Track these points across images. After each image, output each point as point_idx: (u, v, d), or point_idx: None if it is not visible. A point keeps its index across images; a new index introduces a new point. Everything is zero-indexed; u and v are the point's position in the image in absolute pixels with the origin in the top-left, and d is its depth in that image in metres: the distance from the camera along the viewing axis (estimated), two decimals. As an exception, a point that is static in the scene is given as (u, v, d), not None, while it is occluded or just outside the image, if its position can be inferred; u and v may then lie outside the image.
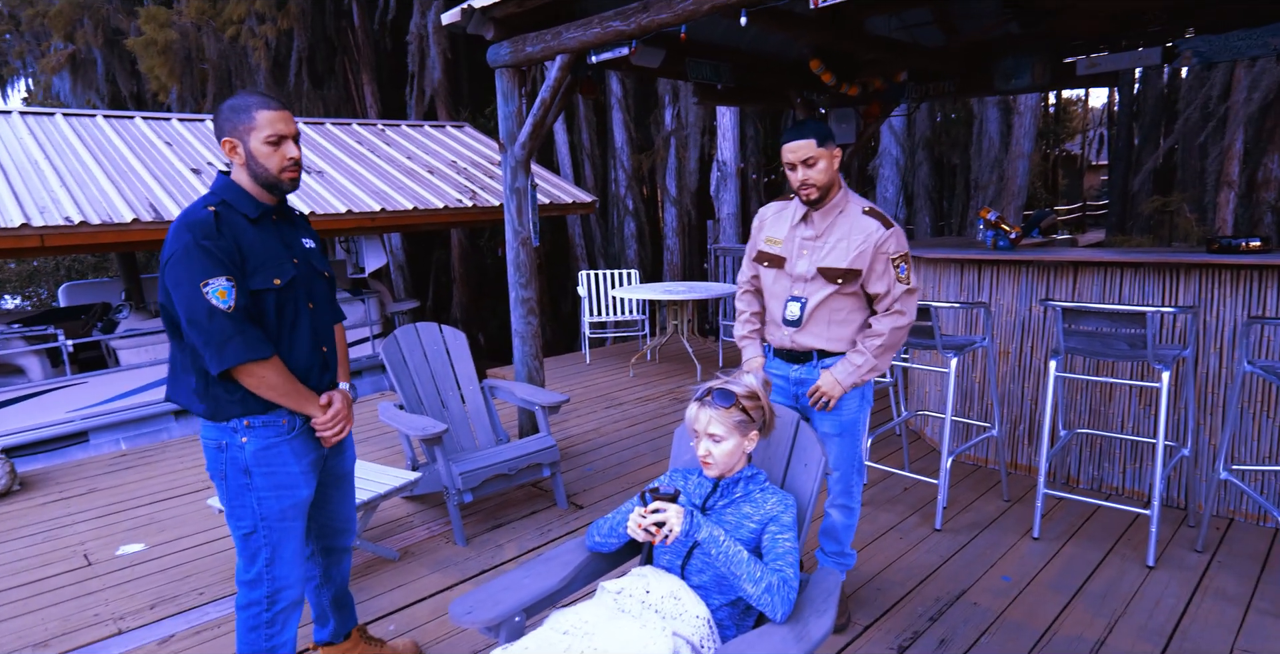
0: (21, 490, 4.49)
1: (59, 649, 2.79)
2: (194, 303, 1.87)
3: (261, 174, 2.00)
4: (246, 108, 1.97)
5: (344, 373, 2.31)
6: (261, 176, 2.00)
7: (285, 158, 2.00)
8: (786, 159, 2.47)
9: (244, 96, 1.99)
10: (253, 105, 1.97)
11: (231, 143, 1.99)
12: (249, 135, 1.97)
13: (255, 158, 1.98)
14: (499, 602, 1.85)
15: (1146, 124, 13.39)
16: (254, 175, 2.00)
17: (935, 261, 4.54)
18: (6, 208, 5.67)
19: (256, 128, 1.96)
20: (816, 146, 2.43)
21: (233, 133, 1.98)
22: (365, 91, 15.34)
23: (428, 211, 7.78)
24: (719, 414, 1.88)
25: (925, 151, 13.90)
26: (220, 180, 2.04)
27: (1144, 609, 2.80)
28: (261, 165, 1.99)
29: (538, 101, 4.34)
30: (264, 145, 1.97)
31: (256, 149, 1.97)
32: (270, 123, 1.96)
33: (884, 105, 6.76)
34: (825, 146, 2.44)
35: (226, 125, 1.99)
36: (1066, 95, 26.41)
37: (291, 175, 2.02)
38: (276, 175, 2.00)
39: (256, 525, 2.05)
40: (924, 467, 4.32)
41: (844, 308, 2.56)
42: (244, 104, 1.98)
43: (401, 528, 3.76)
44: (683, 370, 7.00)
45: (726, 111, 11.75)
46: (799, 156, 2.44)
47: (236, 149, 1.99)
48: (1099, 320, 3.20)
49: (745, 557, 1.75)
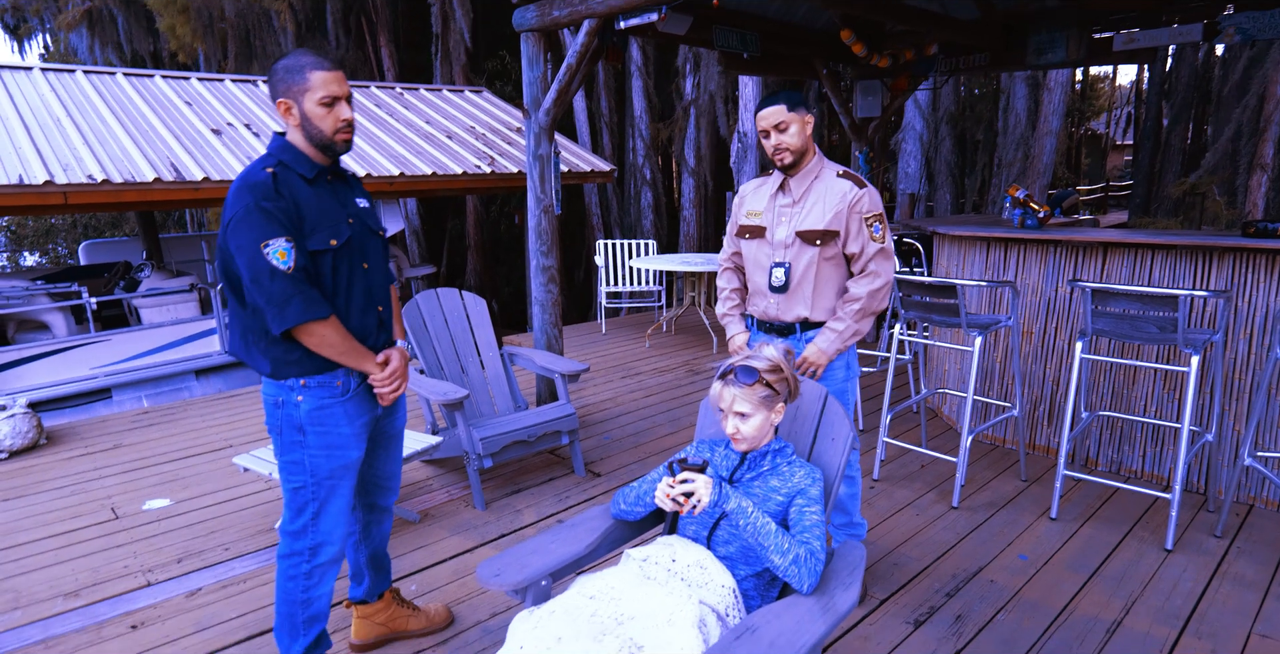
0: (48, 444, 4.57)
1: (90, 599, 2.85)
2: (256, 263, 1.89)
3: (315, 135, 2.00)
4: (300, 68, 1.96)
5: (398, 330, 2.33)
6: (316, 137, 2.01)
7: (339, 119, 2.00)
8: (760, 127, 2.57)
9: (297, 57, 1.98)
10: (306, 66, 1.96)
11: (286, 104, 1.99)
12: (303, 96, 1.97)
13: (309, 119, 1.98)
14: (526, 565, 1.87)
15: (1178, 103, 13.12)
16: (308, 136, 2.01)
17: (960, 239, 4.49)
18: (30, 164, 5.68)
19: (310, 89, 1.96)
20: (787, 112, 2.51)
21: (287, 94, 1.98)
22: (383, 54, 15.20)
23: (446, 177, 7.74)
24: (743, 392, 1.87)
25: (949, 127, 13.70)
26: (277, 141, 2.04)
27: (1161, 592, 2.81)
28: (315, 127, 1.99)
29: (563, 67, 4.28)
30: (318, 107, 1.97)
31: (310, 110, 1.97)
32: (324, 84, 1.96)
33: (912, 78, 6.64)
34: (796, 112, 2.52)
35: (281, 86, 1.98)
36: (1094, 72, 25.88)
37: (345, 136, 2.03)
38: (330, 136, 2.01)
39: (306, 481, 2.09)
40: (941, 444, 4.32)
41: (826, 274, 2.61)
42: (297, 65, 1.96)
43: (421, 491, 3.81)
44: (698, 342, 7.00)
45: (749, 82, 11.58)
46: (771, 122, 2.53)
47: (291, 110, 1.99)
48: (1129, 302, 3.17)
49: (773, 528, 1.76)
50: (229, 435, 4.71)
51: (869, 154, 6.99)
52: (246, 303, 2.01)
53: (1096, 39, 5.86)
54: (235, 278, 1.99)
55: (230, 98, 8.36)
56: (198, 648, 2.54)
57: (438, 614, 2.64)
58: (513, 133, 9.60)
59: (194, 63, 14.92)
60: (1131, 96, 25.92)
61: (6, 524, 3.50)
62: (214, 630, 2.64)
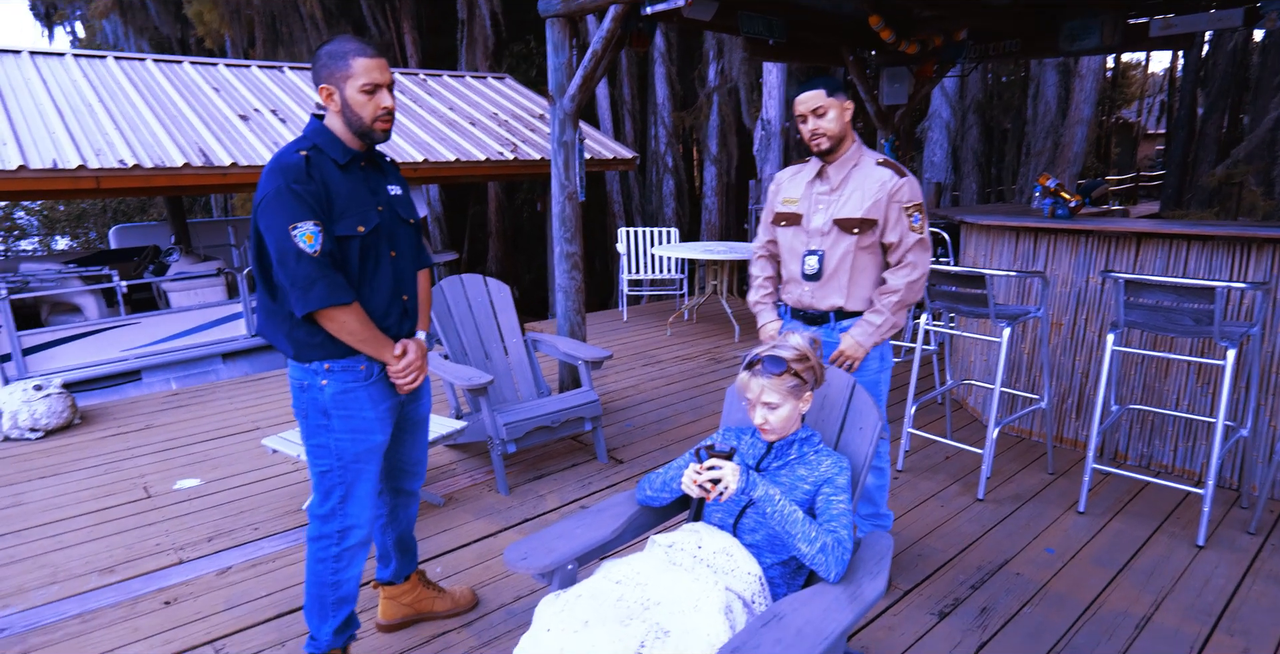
0: (82, 424, 4.65)
1: (124, 575, 2.91)
2: (283, 245, 1.90)
3: (355, 122, 2.00)
4: (343, 55, 1.96)
5: (424, 321, 2.33)
6: (355, 124, 2.01)
7: (379, 107, 2.00)
8: (798, 111, 2.54)
9: (341, 43, 1.98)
10: (350, 53, 1.96)
11: (328, 90, 1.99)
12: (345, 83, 1.97)
13: (350, 106, 1.98)
14: (552, 549, 1.88)
15: (1214, 91, 12.83)
16: (348, 122, 2.01)
17: (989, 228, 4.43)
18: (64, 149, 5.76)
19: (353, 76, 1.96)
20: (826, 96, 2.49)
21: (329, 80, 1.98)
22: (406, 40, 15.22)
23: (469, 163, 7.76)
24: (771, 381, 1.86)
25: (976, 115, 13.50)
26: (313, 124, 2.05)
27: (1192, 588, 2.78)
28: (356, 114, 1.99)
29: (588, 53, 4.26)
30: (359, 94, 1.97)
31: (352, 97, 1.97)
32: (366, 71, 1.96)
33: (940, 65, 6.54)
34: (835, 97, 2.50)
35: (324, 72, 1.99)
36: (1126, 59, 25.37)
37: (384, 126, 2.03)
38: (370, 124, 2.01)
39: (332, 465, 2.11)
40: (966, 436, 4.28)
41: (862, 263, 2.59)
42: (341, 51, 1.96)
43: (445, 475, 3.84)
44: (720, 331, 6.99)
45: (773, 69, 11.48)
46: (809, 107, 2.50)
47: (333, 96, 1.99)
48: (1163, 294, 3.11)
49: (800, 516, 1.75)
50: (256, 417, 4.77)
51: (895, 142, 6.91)
52: (273, 284, 2.03)
53: (1132, 24, 5.73)
54: (265, 258, 2.01)
55: (257, 84, 8.41)
56: (229, 624, 2.59)
57: (463, 596, 2.67)
58: (535, 120, 9.59)
59: (221, 49, 15.03)
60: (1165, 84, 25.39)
61: (44, 501, 3.57)
62: (245, 608, 2.69)
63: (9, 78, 6.89)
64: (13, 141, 5.66)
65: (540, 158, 8.31)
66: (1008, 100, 15.13)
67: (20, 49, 7.52)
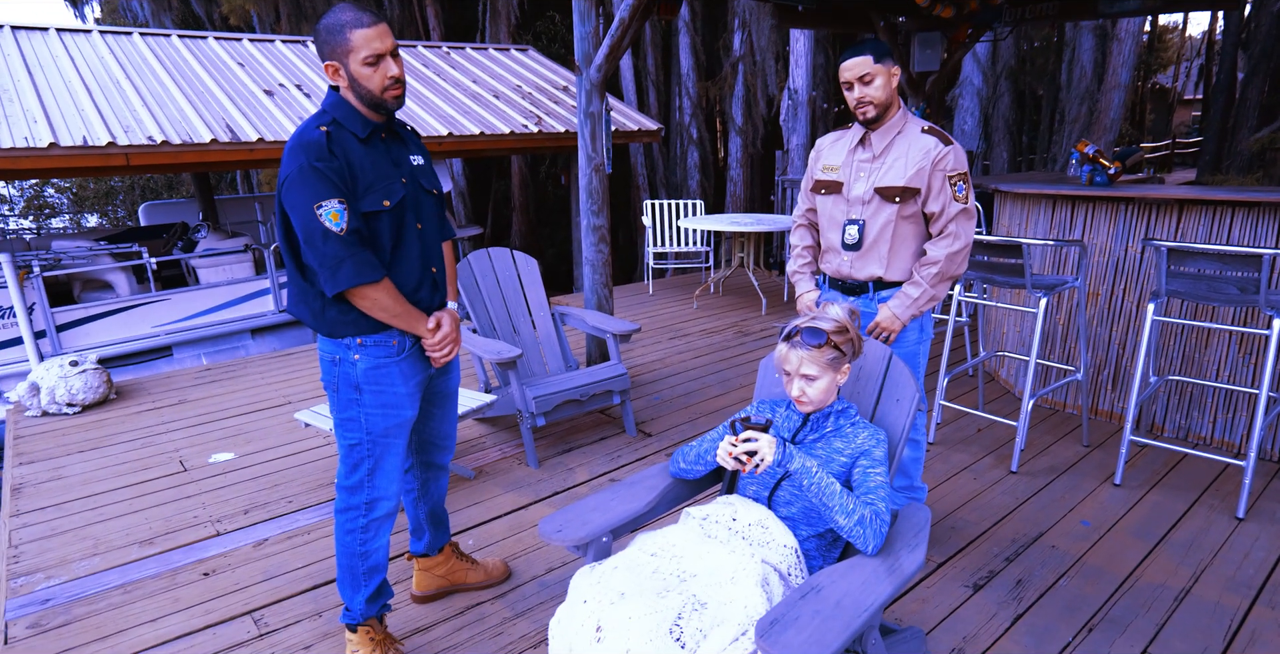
0: (118, 399, 4.74)
1: (163, 547, 2.97)
2: (309, 224, 1.89)
3: (365, 95, 1.96)
4: (340, 28, 1.90)
5: (452, 292, 2.32)
6: (365, 97, 1.97)
7: (386, 76, 1.95)
8: (844, 78, 2.47)
9: (337, 14, 1.92)
10: (346, 24, 1.90)
11: (333, 66, 1.95)
12: (347, 58, 1.92)
13: (357, 80, 1.94)
14: (587, 522, 1.88)
15: (1256, 53, 12.37)
16: (358, 96, 1.97)
17: (1024, 196, 4.33)
18: (93, 126, 5.79)
19: (354, 49, 1.91)
20: (873, 63, 2.41)
21: (332, 56, 1.94)
22: (429, 13, 15.09)
23: (494, 136, 7.72)
24: (810, 354, 1.83)
25: (1008, 81, 13.16)
26: (331, 97, 2.01)
27: (1232, 561, 2.73)
28: (364, 87, 1.95)
29: (615, 21, 4.19)
30: (363, 67, 1.92)
31: (357, 71, 1.93)
32: (366, 42, 1.91)
33: (974, 30, 6.36)
34: (882, 63, 2.42)
35: (325, 48, 1.94)
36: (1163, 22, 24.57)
37: (395, 93, 1.98)
38: (380, 95, 1.96)
39: (361, 439, 2.12)
40: (999, 408, 4.23)
41: (904, 233, 2.53)
42: (337, 24, 1.91)
43: (475, 448, 3.86)
44: (746, 304, 6.94)
45: (800, 37, 11.25)
46: (855, 74, 2.43)
47: (339, 72, 1.95)
48: (1206, 262, 3.02)
49: (838, 489, 1.73)
50: (287, 392, 4.83)
51: (925, 110, 6.76)
52: (302, 263, 2.02)
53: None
54: (292, 238, 1.99)
55: (282, 58, 8.40)
56: (267, 595, 2.64)
57: (496, 568, 2.69)
58: (559, 92, 9.50)
59: (246, 25, 15.01)
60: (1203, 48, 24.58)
61: (84, 474, 3.65)
62: (281, 579, 2.73)
63: (38, 55, 6.93)
64: (43, 119, 5.71)
65: (565, 130, 8.24)
66: (1040, 66, 14.74)
67: (48, 26, 7.55)
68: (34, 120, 5.69)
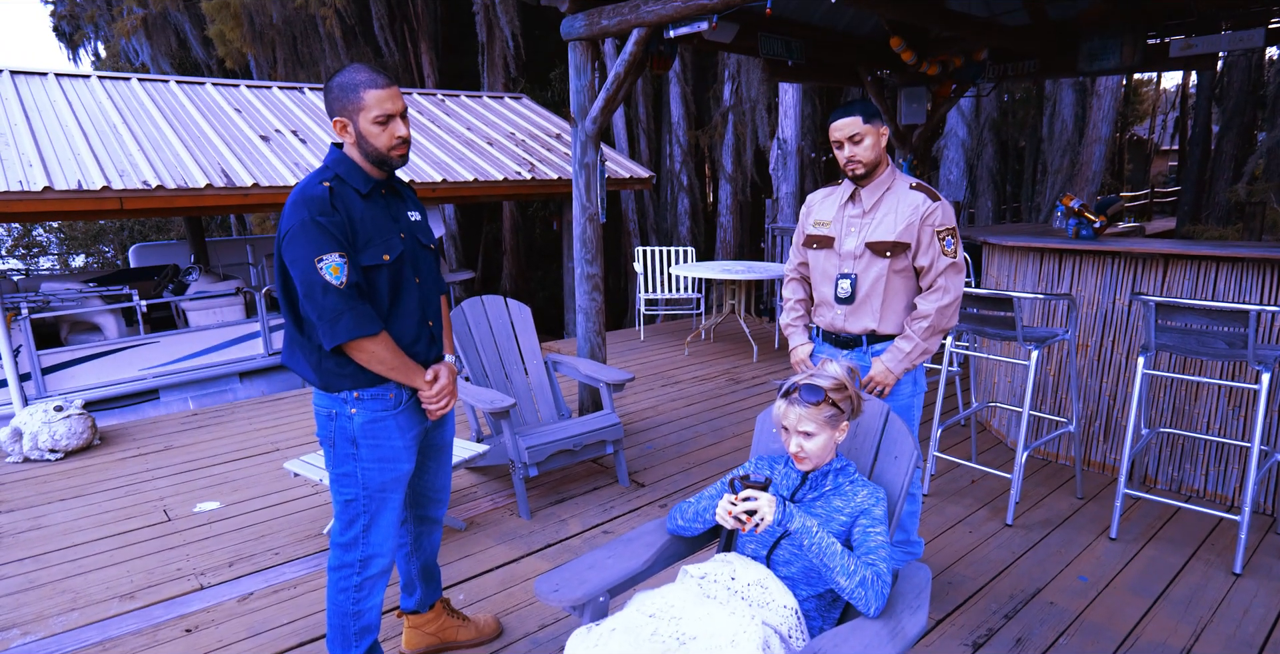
0: (102, 445, 4.66)
1: (145, 601, 2.89)
2: (310, 278, 1.89)
3: (371, 152, 2.00)
4: (354, 87, 1.95)
5: (448, 344, 2.33)
6: (371, 155, 2.00)
7: (394, 136, 1.99)
8: (834, 137, 2.53)
9: (351, 73, 1.97)
10: (361, 85, 1.95)
11: (342, 122, 1.99)
12: (358, 116, 1.96)
13: (365, 138, 1.98)
14: (584, 581, 1.85)
15: (1230, 108, 12.78)
16: (364, 153, 2.01)
17: (1013, 249, 4.39)
18: (89, 170, 5.82)
19: (365, 108, 1.95)
20: (863, 123, 2.47)
21: (343, 113, 1.98)
22: (424, 60, 15.38)
23: (487, 183, 7.80)
24: (809, 411, 1.83)
25: (991, 133, 13.48)
26: (334, 154, 2.04)
27: (1232, 618, 2.71)
28: (371, 145, 1.98)
29: (610, 76, 4.28)
30: (373, 126, 1.96)
31: (366, 129, 1.97)
32: (379, 103, 1.95)
33: (958, 85, 6.54)
34: (871, 123, 2.48)
35: (336, 105, 1.98)
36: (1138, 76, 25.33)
37: (400, 152, 2.02)
38: (386, 153, 2.00)
39: (358, 494, 2.09)
40: (991, 459, 4.22)
41: (896, 287, 2.57)
42: (352, 83, 1.95)
43: (466, 499, 3.81)
44: (738, 350, 6.95)
45: (789, 88, 11.52)
46: (845, 134, 2.49)
47: (347, 128, 1.99)
48: (1194, 317, 3.06)
49: (839, 549, 1.71)
50: (275, 439, 4.77)
51: (913, 162, 6.90)
52: (300, 316, 2.02)
53: (1151, 45, 5.72)
54: (291, 290, 2.00)
55: (278, 105, 8.51)
56: (252, 653, 2.56)
57: (487, 625, 2.63)
58: (552, 139, 9.64)
59: (243, 70, 15.23)
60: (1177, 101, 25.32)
61: (64, 524, 3.57)
62: (267, 636, 2.66)
63: (35, 100, 6.99)
64: (39, 163, 5.73)
65: (558, 177, 8.34)
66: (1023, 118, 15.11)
67: (47, 71, 7.64)
68: (29, 164, 5.72)
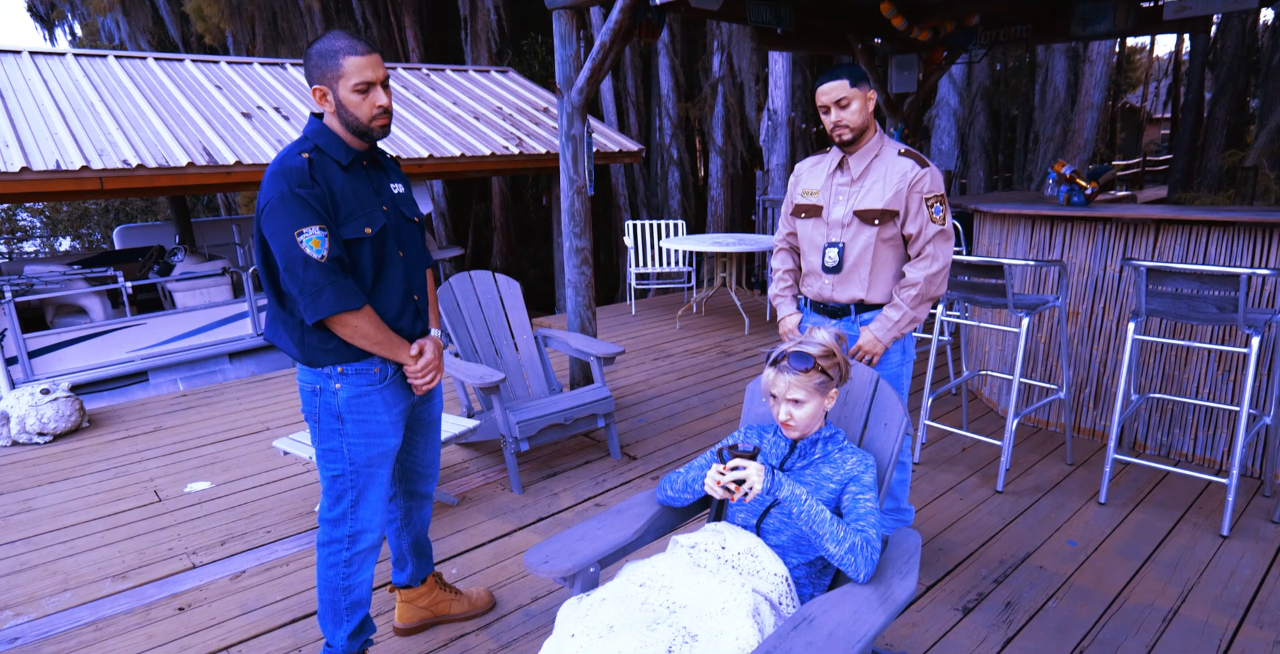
0: (90, 427, 4.63)
1: (137, 581, 2.89)
2: (290, 252, 1.85)
3: (352, 122, 1.95)
4: (333, 54, 1.90)
5: (434, 319, 2.30)
6: (352, 124, 1.95)
7: (374, 105, 1.94)
8: (820, 102, 2.48)
9: (330, 40, 1.91)
10: (340, 51, 1.89)
11: (321, 90, 1.93)
12: (337, 83, 1.91)
13: (345, 106, 1.93)
14: (574, 552, 1.84)
15: (1223, 74, 12.69)
16: (344, 123, 1.96)
17: (1004, 217, 4.37)
18: (67, 150, 5.72)
19: (344, 76, 1.90)
20: (849, 87, 2.43)
21: (321, 80, 1.92)
22: (408, 35, 15.14)
23: (474, 158, 7.71)
24: (798, 379, 1.82)
25: (983, 102, 13.37)
26: (313, 124, 1.99)
27: (1218, 579, 2.73)
28: (351, 114, 1.93)
29: (596, 45, 4.21)
30: (353, 94, 1.91)
31: (345, 98, 1.92)
32: (358, 70, 1.90)
33: (950, 52, 6.46)
34: (858, 87, 2.44)
35: (315, 72, 1.93)
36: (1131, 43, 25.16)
37: (382, 122, 1.97)
38: (367, 123, 1.95)
39: (344, 469, 2.07)
40: (982, 427, 4.24)
41: (884, 256, 2.55)
42: (331, 49, 1.90)
43: (458, 474, 3.81)
44: (729, 323, 6.94)
45: (779, 58, 11.39)
46: (832, 98, 2.45)
47: (326, 97, 1.94)
48: (1185, 281, 3.06)
49: (828, 516, 1.71)
50: (265, 418, 4.75)
51: (904, 131, 6.84)
52: (281, 291, 1.98)
53: (1145, 7, 5.64)
54: (271, 265, 1.96)
55: (259, 81, 8.37)
56: (244, 630, 2.56)
57: (480, 598, 2.64)
58: (540, 113, 9.53)
59: (222, 46, 14.97)
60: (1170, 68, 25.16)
61: (54, 506, 3.55)
62: (259, 613, 2.66)
63: (9, 78, 6.85)
64: (15, 143, 5.63)
65: (546, 151, 8.25)
66: (1014, 86, 15.00)
67: (20, 49, 7.48)
68: (5, 144, 5.61)
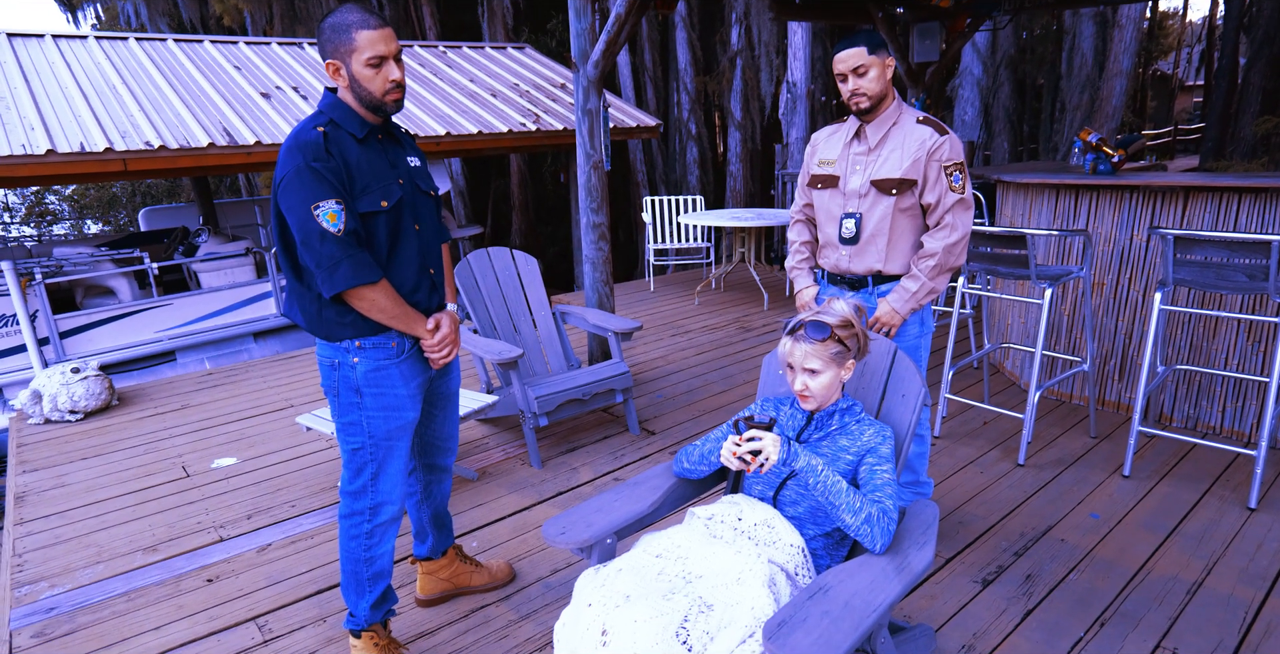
0: (120, 405, 4.73)
1: (167, 554, 2.96)
2: (306, 225, 1.86)
3: (365, 96, 1.95)
4: (346, 28, 1.89)
5: (450, 293, 2.31)
6: (365, 99, 1.95)
7: (388, 80, 1.93)
8: (838, 70, 2.44)
9: (344, 14, 1.91)
10: (353, 25, 1.89)
11: (334, 65, 1.93)
12: (350, 58, 1.90)
13: (358, 80, 1.92)
14: (591, 523, 1.85)
15: (1258, 37, 12.29)
16: (358, 97, 1.96)
17: (1027, 187, 4.29)
18: (90, 132, 5.77)
19: (357, 50, 1.89)
20: (867, 54, 2.37)
21: (334, 55, 1.92)
22: (424, 13, 15.05)
23: (492, 135, 7.69)
24: (814, 348, 1.80)
25: (1008, 71, 13.08)
26: (328, 98, 2.00)
27: (1244, 552, 2.70)
28: (364, 88, 1.93)
29: (612, 17, 4.15)
30: (366, 68, 1.91)
31: (358, 72, 1.91)
32: (371, 44, 1.89)
33: (973, 19, 6.32)
34: (876, 54, 2.38)
35: (328, 46, 1.92)
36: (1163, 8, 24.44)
37: (395, 96, 1.97)
38: (380, 98, 1.95)
39: (364, 443, 2.10)
40: (1004, 400, 4.20)
41: (902, 226, 2.50)
42: (344, 23, 1.89)
43: (478, 449, 3.84)
44: (748, 299, 6.91)
45: (798, 30, 11.20)
46: (849, 65, 2.40)
47: (340, 71, 1.93)
48: (1214, 250, 2.99)
49: (844, 487, 1.70)
50: (289, 395, 4.81)
51: (926, 100, 6.71)
52: (299, 265, 2.00)
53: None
54: (288, 239, 1.97)
55: (278, 61, 8.37)
56: (271, 601, 2.62)
57: (500, 570, 2.67)
58: (557, 90, 9.46)
59: (241, 27, 14.98)
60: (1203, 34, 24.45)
61: (87, 481, 3.64)
62: (286, 584, 2.72)
63: (34, 62, 6.91)
64: (40, 126, 5.69)
65: (563, 128, 8.20)
66: (1040, 54, 14.65)
67: (44, 33, 7.53)
68: (31, 127, 5.68)
